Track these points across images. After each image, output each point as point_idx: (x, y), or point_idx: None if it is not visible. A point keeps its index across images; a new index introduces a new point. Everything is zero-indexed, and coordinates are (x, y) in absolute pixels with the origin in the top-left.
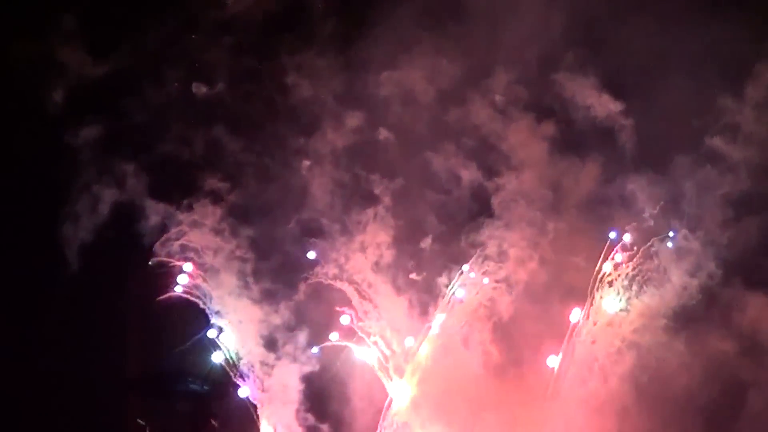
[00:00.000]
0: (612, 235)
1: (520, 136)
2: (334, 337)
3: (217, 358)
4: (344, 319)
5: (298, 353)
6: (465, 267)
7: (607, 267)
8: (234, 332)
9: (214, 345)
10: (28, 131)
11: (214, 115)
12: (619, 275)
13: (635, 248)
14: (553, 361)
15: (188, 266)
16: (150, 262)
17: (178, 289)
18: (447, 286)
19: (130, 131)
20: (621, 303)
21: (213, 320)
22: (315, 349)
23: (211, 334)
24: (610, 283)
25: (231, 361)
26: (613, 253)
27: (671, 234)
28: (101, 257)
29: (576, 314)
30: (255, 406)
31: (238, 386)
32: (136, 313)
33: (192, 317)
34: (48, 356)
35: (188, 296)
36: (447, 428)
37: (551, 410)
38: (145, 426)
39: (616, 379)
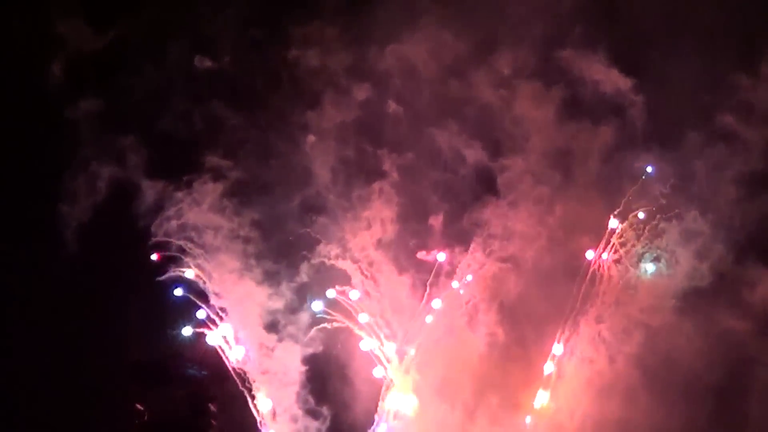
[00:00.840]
0: (649, 169)
1: (527, 113)
2: (317, 306)
3: (186, 332)
4: (330, 293)
5: (300, 334)
6: None
7: (641, 215)
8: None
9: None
10: (25, 106)
11: (215, 90)
12: (626, 252)
13: (643, 226)
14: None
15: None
16: (149, 243)
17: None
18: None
19: (130, 107)
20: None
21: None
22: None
23: (178, 292)
24: (617, 261)
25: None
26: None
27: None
28: (98, 239)
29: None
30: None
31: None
32: (134, 297)
33: (191, 300)
34: (45, 344)
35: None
36: (450, 409)
37: (556, 391)
38: (143, 411)
39: (622, 358)
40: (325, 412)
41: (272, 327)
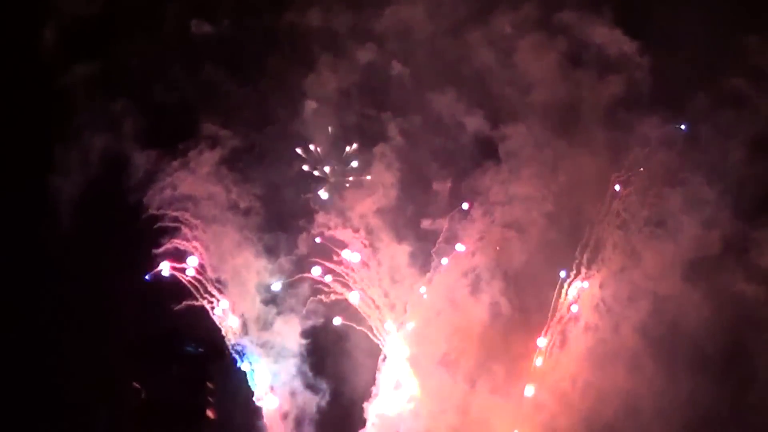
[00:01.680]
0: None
1: (529, 75)
2: (276, 286)
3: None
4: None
5: (298, 307)
6: None
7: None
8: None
9: None
10: (16, 73)
11: (213, 55)
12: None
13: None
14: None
15: None
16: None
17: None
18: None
19: (125, 73)
20: None
21: None
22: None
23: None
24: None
25: None
26: None
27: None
28: (92, 211)
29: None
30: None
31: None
32: (129, 274)
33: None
34: (38, 323)
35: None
36: (450, 379)
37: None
38: (140, 389)
39: (625, 326)
40: (323, 384)
41: (270, 300)
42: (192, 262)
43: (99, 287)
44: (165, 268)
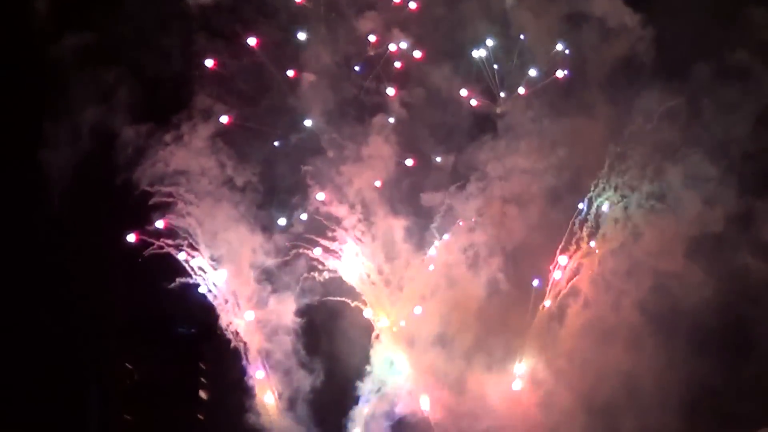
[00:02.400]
0: None
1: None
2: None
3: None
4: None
5: (292, 285)
6: None
7: None
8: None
9: None
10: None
11: (207, 25)
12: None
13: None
14: None
15: None
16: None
17: None
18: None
19: (115, 43)
20: None
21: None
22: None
23: None
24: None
25: None
26: None
27: None
28: (82, 187)
29: None
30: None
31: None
32: (121, 254)
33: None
34: (33, 304)
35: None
36: (447, 357)
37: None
38: (132, 371)
39: (625, 301)
40: (317, 364)
41: (264, 277)
42: (159, 225)
43: (89, 267)
44: (131, 237)
